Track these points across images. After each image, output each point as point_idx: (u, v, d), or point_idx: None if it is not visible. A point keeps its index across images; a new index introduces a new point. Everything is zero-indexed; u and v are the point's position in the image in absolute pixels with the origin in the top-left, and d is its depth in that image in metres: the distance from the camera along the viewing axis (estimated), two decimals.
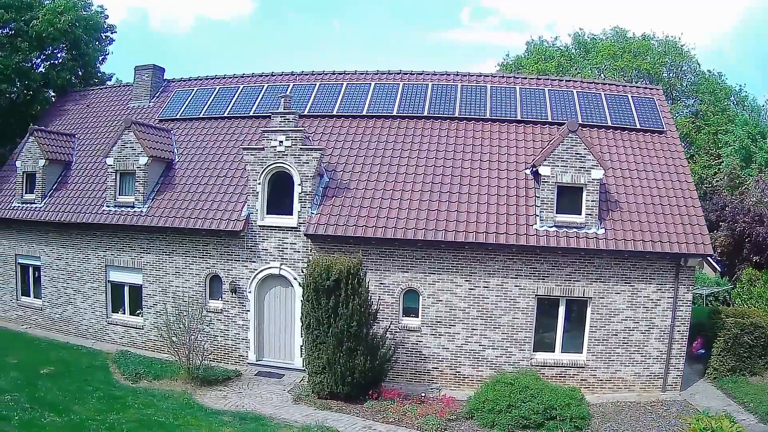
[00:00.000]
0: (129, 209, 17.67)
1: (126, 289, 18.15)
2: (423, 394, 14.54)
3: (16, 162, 20.44)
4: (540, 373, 14.93)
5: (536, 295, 15.35)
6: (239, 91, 20.42)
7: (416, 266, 15.58)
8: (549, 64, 35.63)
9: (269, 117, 18.12)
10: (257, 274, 16.31)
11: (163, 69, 22.38)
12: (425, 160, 17.07)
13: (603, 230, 15.22)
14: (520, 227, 15.29)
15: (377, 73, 20.40)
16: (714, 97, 34.08)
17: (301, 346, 16.02)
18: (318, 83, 20.04)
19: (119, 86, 24.19)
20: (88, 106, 23.05)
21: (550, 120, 18.05)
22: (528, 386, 13.58)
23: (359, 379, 13.96)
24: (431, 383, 15.67)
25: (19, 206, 19.98)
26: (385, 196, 16.11)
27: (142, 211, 17.44)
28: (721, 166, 32.70)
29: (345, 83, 19.94)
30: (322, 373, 14.13)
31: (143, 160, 17.61)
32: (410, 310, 15.83)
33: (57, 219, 18.69)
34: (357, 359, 13.79)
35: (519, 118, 18.20)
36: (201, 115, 19.90)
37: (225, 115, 19.66)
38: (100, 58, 26.95)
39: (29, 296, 20.27)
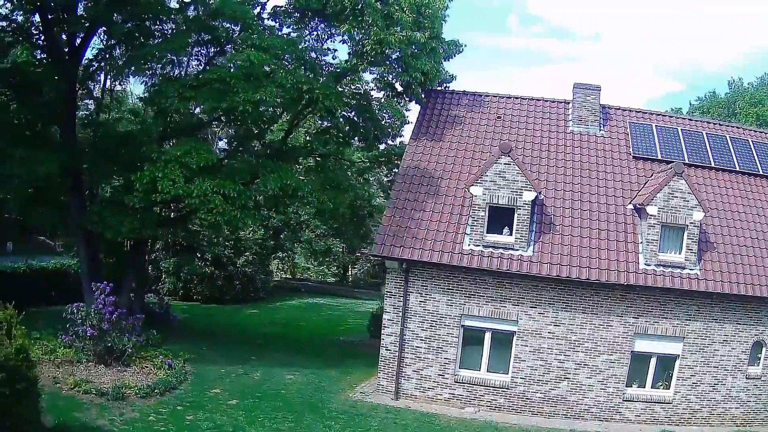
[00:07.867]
0: (677, 270, 15.08)
1: (653, 360, 15.47)
2: None
3: (471, 188, 14.60)
4: None
5: None
6: (719, 138, 18.33)
7: None
8: (765, 108, 36.30)
9: None
10: None
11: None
12: None
13: None
14: None
15: None
16: None
17: None
18: None
19: (535, 100, 18.76)
20: (499, 117, 17.11)
21: None
22: None
23: None
24: None
25: (476, 250, 14.52)
26: None
27: (697, 275, 15.13)
28: None
29: None
30: None
31: (698, 215, 15.11)
32: None
33: (574, 276, 14.53)
34: None
35: None
36: (693, 161, 17.45)
37: (736, 169, 17.59)
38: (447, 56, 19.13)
39: (477, 370, 15.07)
